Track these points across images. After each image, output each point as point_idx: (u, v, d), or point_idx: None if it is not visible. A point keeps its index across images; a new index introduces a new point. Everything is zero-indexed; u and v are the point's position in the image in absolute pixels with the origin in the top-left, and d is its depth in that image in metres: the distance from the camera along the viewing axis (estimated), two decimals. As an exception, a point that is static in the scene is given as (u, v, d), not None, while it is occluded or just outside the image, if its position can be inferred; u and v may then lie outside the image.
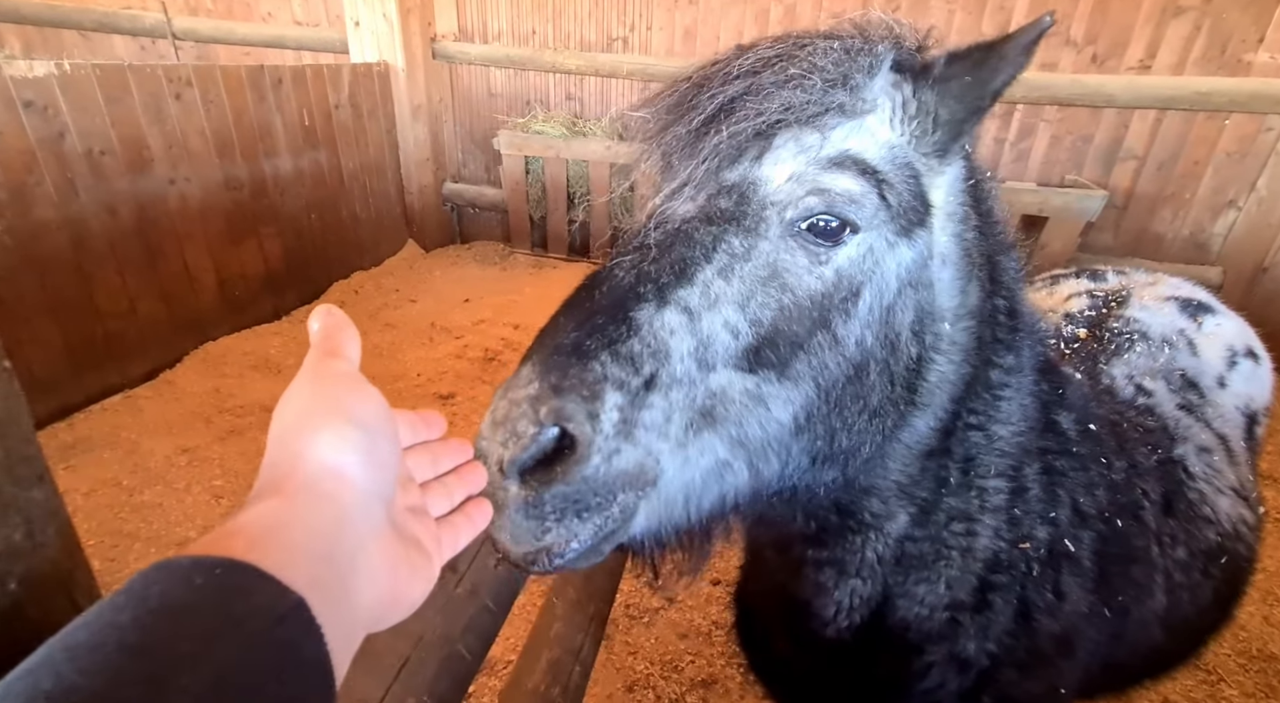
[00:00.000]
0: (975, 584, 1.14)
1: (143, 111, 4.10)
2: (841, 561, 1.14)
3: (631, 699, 2.47)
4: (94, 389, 4.03)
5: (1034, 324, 1.16)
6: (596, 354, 0.77)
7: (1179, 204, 5.36)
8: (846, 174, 0.88)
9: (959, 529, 1.12)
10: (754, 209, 0.88)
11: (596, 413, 0.75)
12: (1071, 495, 1.18)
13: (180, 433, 3.83)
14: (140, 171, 4.12)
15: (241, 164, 4.82)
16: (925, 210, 0.94)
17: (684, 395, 0.81)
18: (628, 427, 0.77)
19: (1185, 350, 1.71)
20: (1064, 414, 1.21)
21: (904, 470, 1.05)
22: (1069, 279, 2.14)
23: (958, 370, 1.01)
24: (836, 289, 0.88)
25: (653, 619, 2.80)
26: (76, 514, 3.16)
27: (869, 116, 0.91)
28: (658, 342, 0.80)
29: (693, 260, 0.86)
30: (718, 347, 0.83)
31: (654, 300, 0.82)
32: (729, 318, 0.84)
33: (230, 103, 4.67)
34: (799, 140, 0.89)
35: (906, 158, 0.92)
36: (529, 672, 1.51)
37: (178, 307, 4.47)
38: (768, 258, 0.87)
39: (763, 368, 0.85)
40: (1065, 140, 5.46)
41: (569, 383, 0.75)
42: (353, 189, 6.00)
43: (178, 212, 4.39)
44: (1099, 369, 1.61)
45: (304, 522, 0.47)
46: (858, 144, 0.90)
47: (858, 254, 0.89)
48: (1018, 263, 1.13)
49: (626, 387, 0.77)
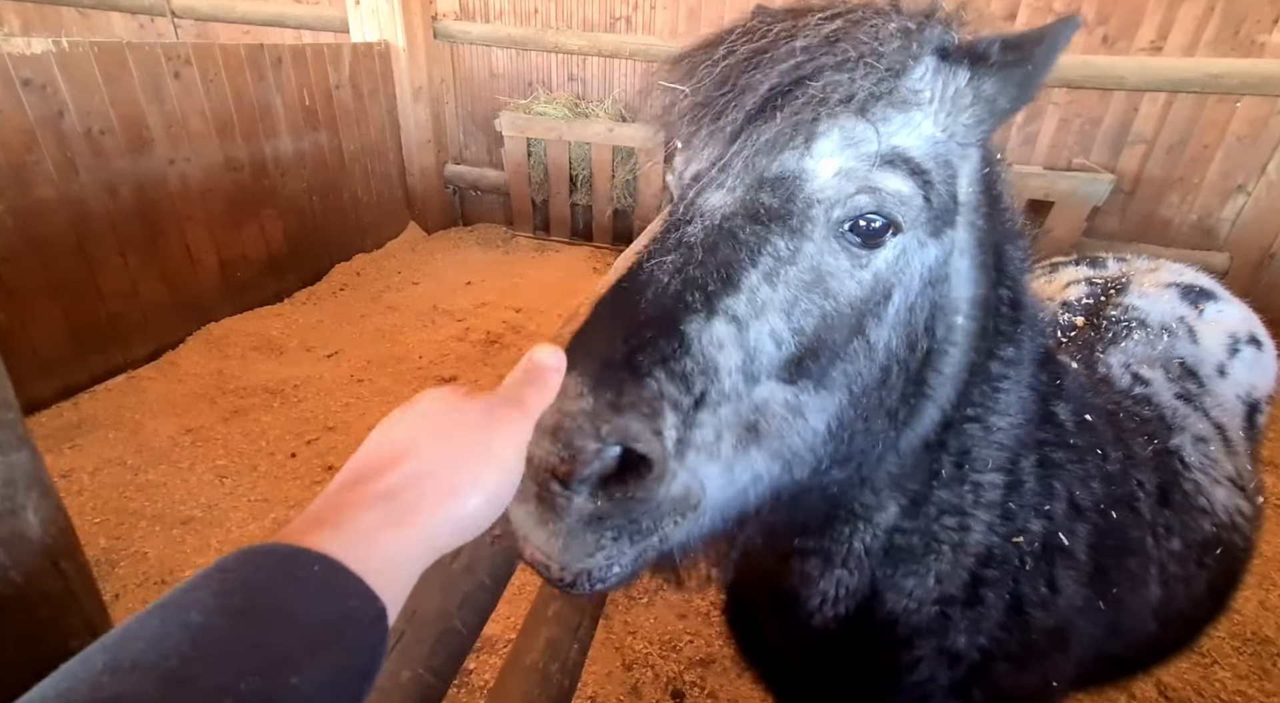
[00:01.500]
0: (966, 579, 1.13)
1: (142, 90, 4.07)
2: (828, 551, 1.12)
3: (630, 678, 2.50)
4: (98, 369, 4.05)
5: (1036, 315, 1.14)
6: (651, 371, 0.72)
7: (1187, 189, 5.31)
8: (898, 173, 0.83)
9: (951, 523, 1.11)
10: (800, 207, 0.83)
11: (661, 431, 0.71)
12: (1067, 488, 1.17)
13: (184, 413, 3.85)
14: (140, 151, 4.11)
15: (242, 145, 4.79)
16: (956, 209, 0.91)
17: (731, 412, 0.77)
18: (682, 448, 0.74)
19: (1185, 338, 1.69)
20: (1061, 406, 1.19)
21: (899, 462, 1.03)
22: (1068, 267, 2.12)
23: (964, 359, 0.99)
24: (873, 293, 0.85)
25: (652, 600, 2.83)
26: (83, 493, 3.19)
27: (916, 109, 0.85)
28: (708, 358, 0.76)
29: (739, 264, 0.80)
30: (763, 358, 0.79)
31: (703, 311, 0.77)
32: (775, 327, 0.80)
33: (230, 82, 4.63)
34: (846, 131, 0.82)
35: (946, 154, 0.88)
36: (528, 649, 1.53)
37: (179, 288, 4.48)
38: (812, 261, 0.83)
39: (802, 378, 0.81)
40: (1073, 123, 5.39)
41: (628, 400, 0.70)
42: (354, 171, 5.97)
43: (178, 192, 4.37)
44: (1095, 358, 1.59)
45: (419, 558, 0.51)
46: (905, 139, 0.85)
47: (893, 256, 0.85)
48: (1024, 251, 1.10)
49: (680, 407, 0.73)
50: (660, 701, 2.42)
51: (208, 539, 2.97)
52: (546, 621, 1.60)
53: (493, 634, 2.63)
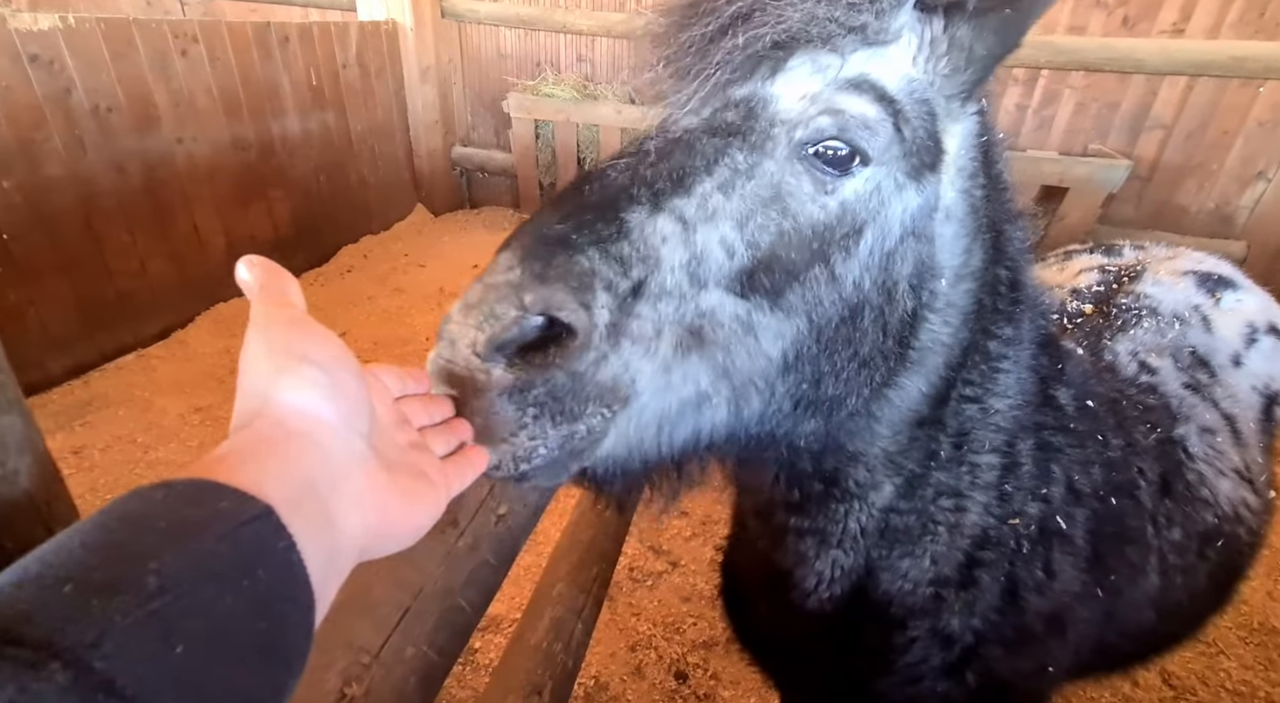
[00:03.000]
0: (961, 560, 1.12)
1: (149, 68, 4.05)
2: (824, 530, 1.12)
3: (634, 659, 2.51)
4: (108, 348, 4.07)
5: (1037, 297, 1.12)
6: (584, 248, 0.72)
7: (1205, 175, 5.22)
8: (864, 97, 0.82)
9: (947, 504, 1.10)
10: (762, 125, 0.83)
11: (589, 304, 0.70)
12: (1066, 472, 1.16)
13: (193, 392, 3.87)
14: (147, 130, 4.09)
15: (249, 124, 4.77)
16: (938, 154, 0.89)
17: (673, 310, 0.77)
18: (616, 334, 0.73)
19: (1198, 327, 1.65)
20: (1062, 390, 1.18)
21: (893, 438, 1.02)
22: (1082, 255, 2.07)
23: (954, 335, 0.97)
24: (839, 223, 0.83)
25: (656, 582, 2.84)
26: (94, 469, 3.23)
27: (890, 47, 0.85)
28: (648, 247, 0.76)
29: (693, 170, 0.80)
30: (711, 263, 0.79)
31: (648, 204, 0.77)
32: (725, 235, 0.80)
33: (237, 60, 4.60)
34: (816, 61, 0.83)
35: (925, 95, 0.87)
36: (532, 629, 1.53)
37: (188, 267, 4.48)
38: (772, 178, 0.82)
39: (755, 294, 0.80)
40: (1090, 108, 5.30)
41: (555, 272, 0.69)
42: (361, 152, 5.94)
43: (185, 172, 4.36)
44: (1102, 345, 1.56)
45: (276, 452, 0.48)
46: (877, 70, 0.84)
47: (865, 190, 0.84)
48: (1024, 233, 1.08)
49: (615, 289, 0.73)
50: (663, 682, 2.44)
51: (216, 517, 3.00)
52: (551, 601, 1.61)
53: (498, 614, 2.65)
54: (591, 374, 0.72)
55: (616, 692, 2.39)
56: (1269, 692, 2.56)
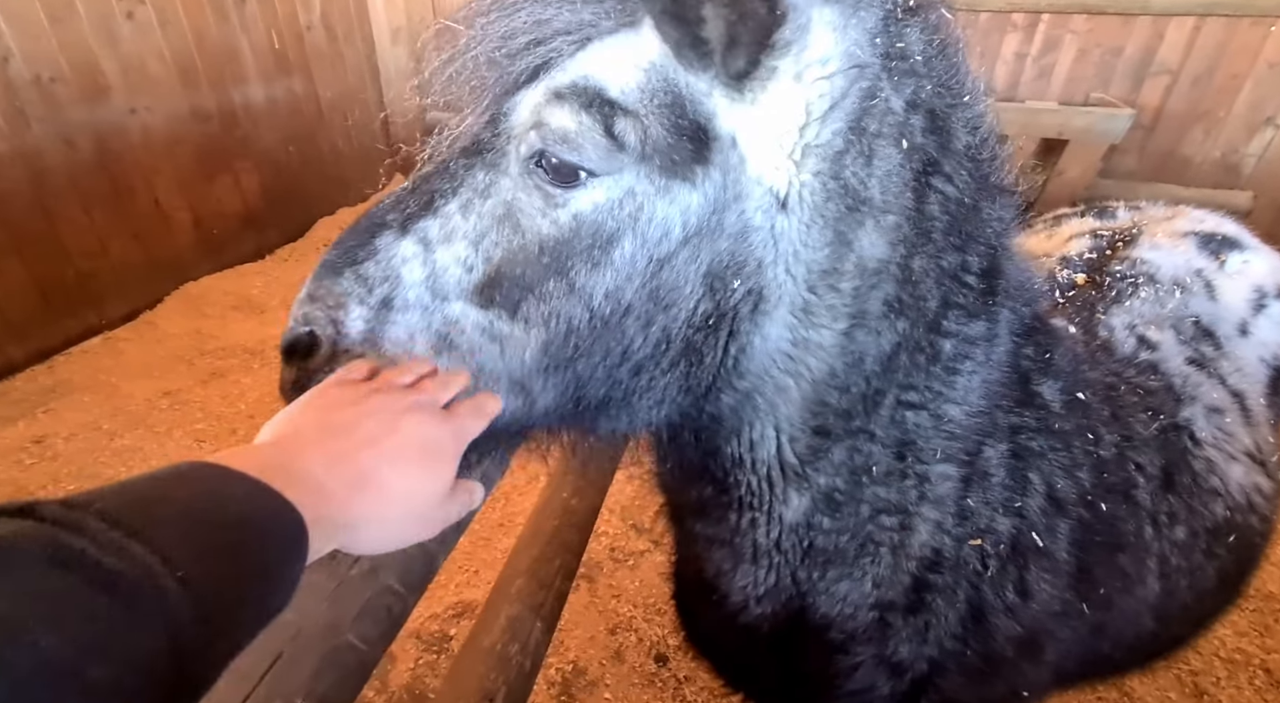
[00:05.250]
0: (908, 584, 1.02)
1: (92, 33, 3.81)
2: (730, 542, 1.05)
3: (614, 642, 2.45)
4: (73, 331, 3.94)
5: (1023, 282, 0.99)
6: (342, 271, 0.87)
7: (1211, 123, 4.99)
8: (565, 108, 0.78)
9: (889, 523, 0.99)
10: (500, 142, 0.85)
11: (340, 320, 0.86)
12: (1047, 480, 1.04)
13: (161, 376, 3.75)
14: (96, 100, 3.88)
15: (208, 92, 4.54)
16: (704, 145, 0.78)
17: (419, 319, 0.86)
18: (375, 337, 0.87)
19: (1201, 294, 1.50)
20: (1048, 383, 1.05)
21: (785, 446, 0.94)
22: (1072, 218, 1.89)
23: (842, 338, 0.86)
24: (577, 236, 0.81)
25: (637, 562, 2.77)
26: (57, 459, 3.13)
27: (629, 32, 0.79)
28: (390, 268, 0.86)
29: (441, 194, 0.87)
30: (449, 279, 0.85)
31: (396, 229, 0.87)
32: (461, 253, 0.85)
33: (190, 23, 4.35)
34: (549, 66, 0.82)
35: (671, 80, 0.78)
36: (486, 630, 1.44)
37: (153, 245, 4.31)
38: (505, 196, 0.84)
39: (494, 307, 0.85)
40: (1093, 54, 5.04)
41: (319, 292, 0.88)
42: (332, 120, 5.70)
43: (141, 144, 4.16)
44: (1096, 320, 1.41)
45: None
46: (600, 68, 0.79)
47: (606, 200, 0.80)
48: (1010, 210, 0.94)
49: (366, 303, 0.86)
50: (643, 665, 2.37)
51: (184, 505, 2.91)
52: (509, 598, 1.51)
53: (475, 600, 2.58)
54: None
55: (595, 677, 2.33)
56: (1264, 658, 2.51)
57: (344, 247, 0.89)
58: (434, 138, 0.95)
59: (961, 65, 0.89)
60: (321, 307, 0.87)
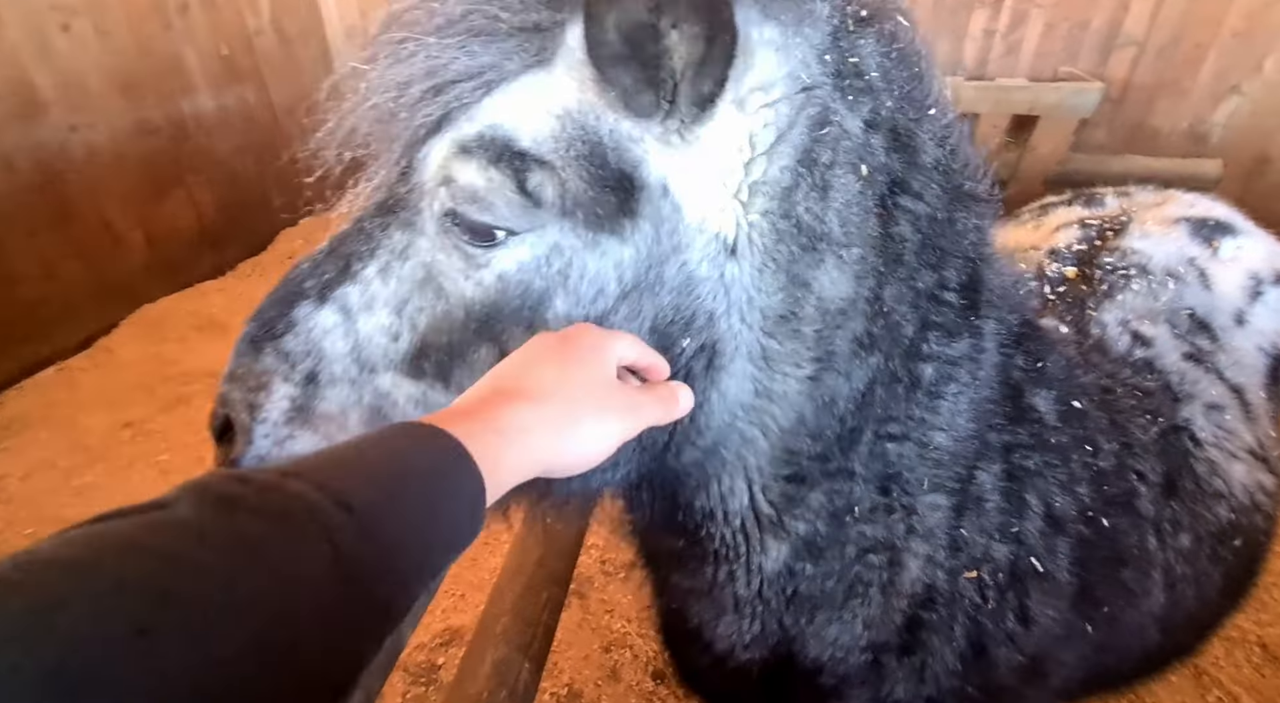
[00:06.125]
0: (901, 623, 0.96)
1: (25, 48, 3.60)
2: (709, 593, 1.00)
3: (608, 660, 2.37)
4: (23, 363, 3.74)
5: (1006, 288, 0.92)
6: (263, 347, 0.81)
7: (1179, 93, 5.01)
8: (473, 162, 0.71)
9: (877, 561, 0.93)
10: (414, 199, 0.77)
11: (259, 403, 0.81)
12: (1044, 500, 0.98)
13: (121, 406, 3.58)
14: (33, 118, 3.67)
15: (154, 105, 4.33)
16: (629, 196, 0.71)
17: (349, 394, 0.81)
18: (305, 415, 0.81)
19: (1195, 284, 1.44)
20: (1041, 395, 0.99)
21: (757, 496, 0.88)
22: (1059, 208, 1.83)
23: (807, 382, 0.80)
24: (504, 298, 0.75)
25: (629, 574, 2.69)
26: (12, 501, 2.96)
27: (544, 71, 0.71)
28: (311, 341, 0.80)
29: (358, 256, 0.79)
30: (375, 350, 0.80)
31: (314, 298, 0.81)
32: (384, 321, 0.79)
33: (130, 34, 4.14)
34: (457, 115, 0.74)
35: (590, 127, 0.70)
36: (472, 676, 1.35)
37: (104, 268, 4.11)
38: (424, 257, 0.77)
39: (426, 377, 0.79)
40: (1060, 28, 5.03)
41: (239, 371, 0.83)
42: (289, 127, 5.49)
43: (85, 162, 3.95)
44: (1088, 317, 1.34)
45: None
46: (510, 116, 0.71)
47: (531, 258, 0.74)
48: (987, 217, 0.87)
49: (291, 380, 0.80)
50: (640, 683, 2.30)
51: (150, 544, 2.77)
52: (494, 640, 1.42)
53: (462, 626, 2.49)
54: (279, 452, 0.82)
55: (591, 699, 2.26)
56: (1260, 634, 2.51)
57: (262, 318, 0.83)
58: (347, 193, 0.86)
59: (924, 74, 0.81)
60: (240, 388, 0.81)
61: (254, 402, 0.80)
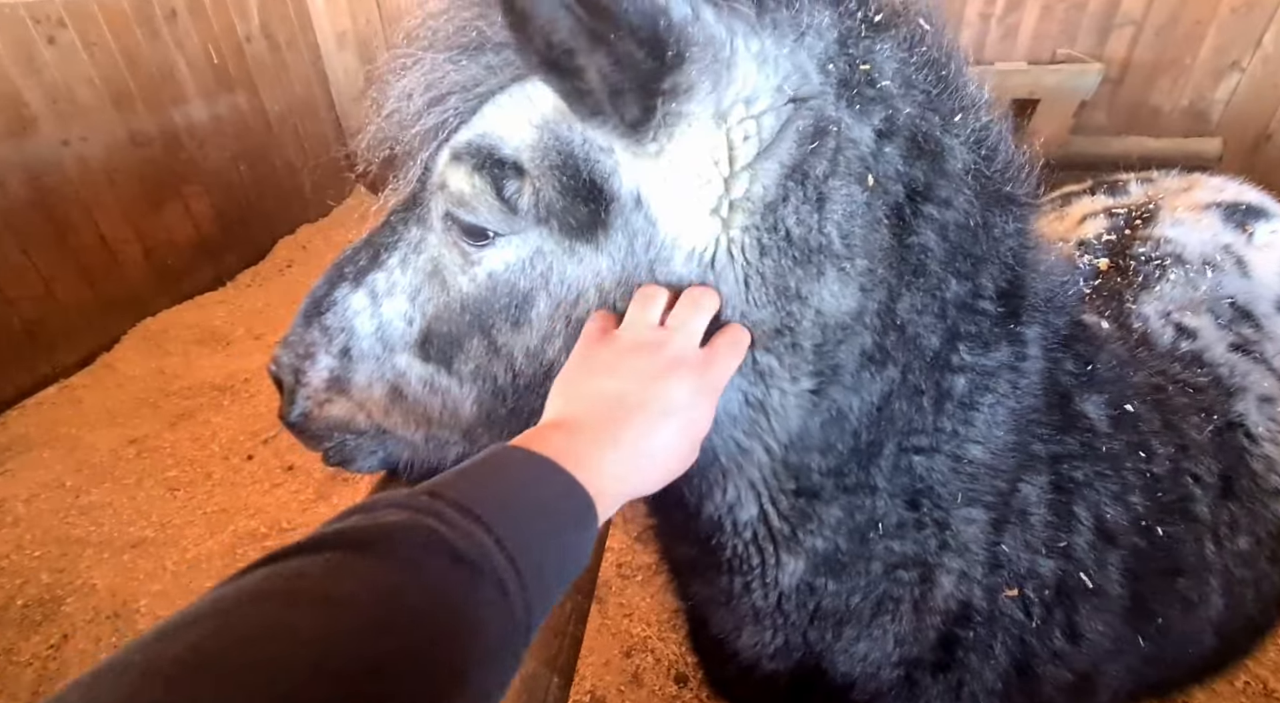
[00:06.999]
0: (935, 640, 0.93)
1: (11, 62, 3.54)
2: (727, 603, 0.99)
3: (630, 665, 2.35)
4: (24, 383, 3.70)
5: (1052, 291, 0.89)
6: (313, 320, 0.95)
7: (1178, 71, 4.97)
8: (462, 169, 0.77)
9: (908, 577, 0.90)
10: (426, 198, 0.86)
11: (303, 369, 0.96)
12: (1095, 513, 0.94)
13: (125, 422, 3.55)
14: (23, 134, 3.62)
15: (145, 116, 4.28)
16: (601, 207, 0.73)
17: (374, 369, 0.91)
18: (340, 384, 0.94)
19: (1233, 271, 1.39)
20: (1092, 400, 0.95)
21: (767, 508, 0.87)
22: (1083, 198, 1.78)
23: (809, 400, 0.78)
24: (494, 294, 0.81)
25: (647, 577, 2.66)
26: (19, 524, 2.92)
27: (529, 83, 0.75)
28: (346, 319, 0.92)
29: (385, 247, 0.90)
30: (394, 331, 0.89)
31: (351, 281, 0.92)
32: (401, 307, 0.89)
33: (118, 44, 4.08)
34: (464, 122, 0.81)
35: (563, 138, 0.72)
36: (500, 693, 1.32)
37: (103, 283, 4.07)
38: (433, 251, 0.86)
39: (433, 361, 0.88)
40: (1057, 10, 4.98)
41: (293, 338, 0.97)
42: (283, 133, 5.45)
43: (79, 177, 3.90)
44: (1127, 310, 1.30)
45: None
46: (497, 125, 0.76)
47: (517, 259, 0.79)
48: (1028, 219, 0.84)
49: (330, 351, 0.93)
50: (663, 687, 2.28)
51: (162, 562, 2.74)
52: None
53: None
54: (319, 413, 0.99)
55: (615, 704, 2.23)
56: None
57: (314, 296, 0.96)
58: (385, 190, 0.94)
59: (952, 77, 0.78)
60: (290, 353, 0.97)
61: (299, 368, 0.96)
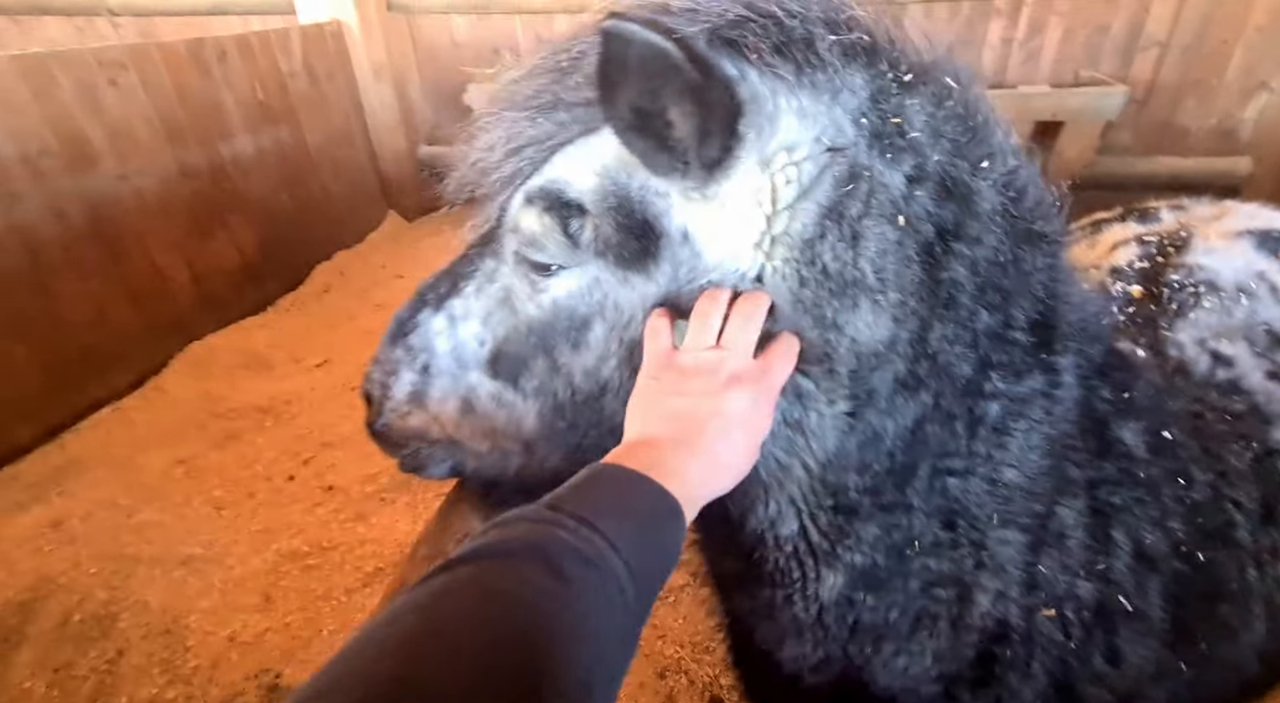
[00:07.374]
0: (973, 657, 0.97)
1: (76, 103, 3.77)
2: (770, 615, 1.04)
3: (664, 687, 2.37)
4: (80, 405, 3.87)
5: (1086, 320, 0.94)
6: (398, 341, 1.06)
7: (1205, 92, 4.96)
8: (533, 210, 0.89)
9: (945, 595, 0.94)
10: (501, 234, 0.97)
11: (388, 383, 1.08)
12: (1134, 537, 0.97)
13: (174, 443, 3.69)
14: (85, 170, 3.83)
15: (195, 150, 4.50)
16: (651, 242, 0.84)
17: (450, 384, 1.02)
18: (419, 398, 1.05)
19: (1268, 298, 1.41)
20: (1129, 427, 0.99)
21: (800, 527, 0.94)
22: (1113, 225, 1.81)
23: (846, 422, 0.85)
24: (556, 319, 0.91)
25: (678, 598, 2.69)
26: (76, 541, 3.05)
27: (595, 136, 0.87)
28: (427, 340, 1.03)
29: (463, 277, 1.01)
30: (467, 351, 1.00)
31: (433, 306, 1.03)
32: (475, 329, 1.00)
33: (173, 83, 4.31)
34: (536, 169, 0.92)
35: (621, 183, 0.84)
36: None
37: (152, 309, 4.26)
38: (505, 281, 0.97)
39: (500, 378, 0.98)
40: (1079, 34, 5.02)
41: (382, 356, 1.09)
42: (321, 163, 5.66)
43: (135, 209, 4.11)
44: (1162, 337, 1.32)
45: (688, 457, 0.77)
46: (565, 172, 0.88)
47: (578, 288, 0.89)
48: (1058, 254, 0.90)
49: (413, 368, 1.04)
50: (699, 709, 2.30)
51: (210, 579, 2.84)
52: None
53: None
54: (400, 424, 1.10)
55: (651, 726, 2.26)
56: None
57: (399, 319, 1.07)
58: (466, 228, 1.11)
59: (980, 127, 0.85)
60: (380, 370, 1.09)
61: (386, 383, 1.07)
